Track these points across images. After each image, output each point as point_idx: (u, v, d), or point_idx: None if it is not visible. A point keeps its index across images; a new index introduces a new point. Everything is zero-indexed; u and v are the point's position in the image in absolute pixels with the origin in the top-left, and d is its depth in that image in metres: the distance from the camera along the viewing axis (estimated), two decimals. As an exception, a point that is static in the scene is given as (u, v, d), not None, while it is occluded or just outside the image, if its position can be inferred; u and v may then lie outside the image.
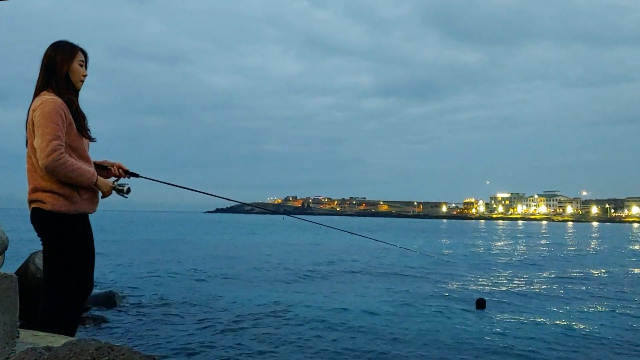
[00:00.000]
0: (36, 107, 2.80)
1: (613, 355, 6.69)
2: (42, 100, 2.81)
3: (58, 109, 2.79)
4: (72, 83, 2.97)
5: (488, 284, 13.47)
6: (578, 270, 17.81)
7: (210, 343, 6.75)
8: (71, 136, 2.87)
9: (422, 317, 8.84)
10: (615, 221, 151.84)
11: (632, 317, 9.22)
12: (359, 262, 18.91)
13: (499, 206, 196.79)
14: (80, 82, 3.01)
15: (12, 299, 2.09)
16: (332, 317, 8.59)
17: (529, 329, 8.08)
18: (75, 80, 2.98)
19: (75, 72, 2.97)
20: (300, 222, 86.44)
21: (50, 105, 2.78)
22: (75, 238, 2.91)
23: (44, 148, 2.70)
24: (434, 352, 6.58)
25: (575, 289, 12.92)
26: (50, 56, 2.92)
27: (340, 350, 6.55)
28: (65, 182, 2.83)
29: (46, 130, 2.73)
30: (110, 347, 1.60)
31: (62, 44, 2.97)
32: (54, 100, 2.81)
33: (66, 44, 2.98)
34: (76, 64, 2.97)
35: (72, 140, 2.87)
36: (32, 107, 2.84)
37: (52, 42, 3.00)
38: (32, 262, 6.79)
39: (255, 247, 28.01)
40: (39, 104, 2.80)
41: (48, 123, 2.74)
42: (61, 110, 2.81)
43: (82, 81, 3.02)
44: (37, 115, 2.77)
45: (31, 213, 2.89)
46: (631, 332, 8.00)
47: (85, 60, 3.04)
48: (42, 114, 2.76)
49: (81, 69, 3.00)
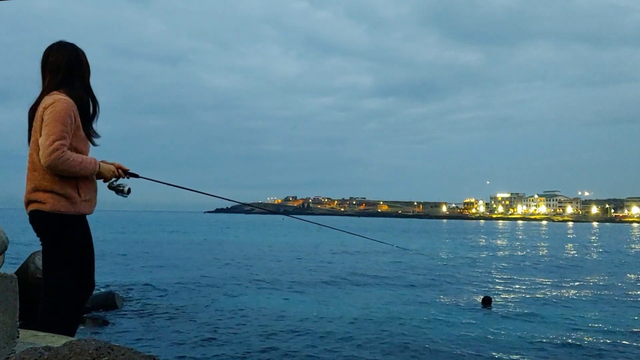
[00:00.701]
0: (47, 106, 2.79)
1: (618, 354, 6.68)
2: (55, 99, 2.81)
3: (69, 110, 2.81)
4: (89, 86, 3.04)
5: (492, 283, 13.49)
6: (579, 269, 17.82)
7: (210, 343, 6.75)
8: (77, 139, 2.88)
9: (430, 314, 8.89)
10: (615, 221, 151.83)
11: (635, 317, 9.22)
12: (360, 264, 18.91)
13: (499, 206, 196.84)
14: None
15: (12, 299, 2.09)
16: (341, 315, 8.59)
17: (535, 325, 8.14)
18: (88, 83, 3.05)
19: (89, 74, 3.05)
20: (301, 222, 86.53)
21: (62, 106, 2.79)
22: (74, 239, 2.92)
23: (47, 147, 2.71)
24: (444, 349, 6.61)
25: (578, 287, 12.94)
26: (72, 57, 2.94)
27: (352, 346, 6.55)
28: (68, 181, 2.83)
29: (53, 129, 2.73)
30: (110, 347, 1.59)
31: (72, 46, 2.99)
32: (66, 101, 2.82)
33: (75, 46, 3.01)
34: (88, 65, 3.06)
35: (77, 143, 2.88)
36: (42, 105, 2.82)
37: (53, 41, 2.98)
38: (32, 262, 6.78)
39: (253, 246, 28.01)
40: (50, 102, 2.80)
41: (57, 123, 2.75)
42: (71, 112, 2.83)
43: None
44: (47, 113, 2.77)
45: (30, 214, 2.88)
46: (636, 332, 8.00)
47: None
48: (52, 112, 2.76)
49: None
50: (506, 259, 22.19)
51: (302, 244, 30.54)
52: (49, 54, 2.94)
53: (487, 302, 10.01)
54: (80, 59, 2.98)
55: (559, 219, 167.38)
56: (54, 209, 2.82)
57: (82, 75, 2.98)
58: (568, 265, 19.79)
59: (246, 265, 17.41)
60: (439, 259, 21.40)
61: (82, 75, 2.99)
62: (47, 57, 2.94)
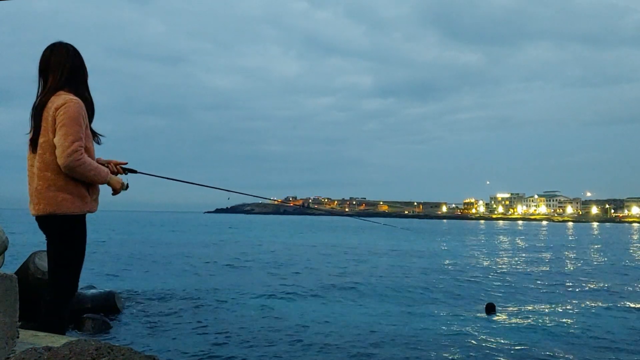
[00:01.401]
0: (59, 106, 2.81)
1: (629, 356, 6.67)
2: (66, 100, 2.84)
3: (81, 111, 2.87)
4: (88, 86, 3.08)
5: (495, 288, 13.38)
6: (582, 271, 17.82)
7: (211, 343, 6.75)
8: (86, 138, 2.93)
9: (432, 321, 8.76)
10: (615, 221, 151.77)
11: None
12: (358, 266, 18.91)
13: (499, 206, 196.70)
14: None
15: (12, 300, 2.09)
16: (338, 319, 8.59)
17: (540, 333, 8.03)
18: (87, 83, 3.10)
19: (87, 75, 3.10)
20: (302, 222, 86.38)
21: (75, 107, 2.83)
22: (85, 238, 2.99)
23: (67, 147, 2.75)
24: (447, 357, 6.56)
25: (583, 291, 12.92)
26: (75, 58, 2.99)
27: (350, 355, 6.54)
28: (80, 181, 2.87)
29: (70, 130, 2.78)
30: (110, 347, 1.60)
31: (72, 47, 3.03)
32: (78, 102, 2.87)
33: (74, 47, 3.05)
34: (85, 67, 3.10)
35: (87, 142, 2.93)
36: (53, 106, 2.83)
37: (53, 42, 3.01)
38: (32, 263, 6.78)
39: (253, 246, 28.02)
40: (62, 103, 2.82)
41: (73, 124, 2.79)
42: (83, 113, 2.89)
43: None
44: (60, 114, 2.80)
45: (44, 216, 2.89)
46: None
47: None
48: (66, 113, 2.79)
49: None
50: (508, 261, 22.19)
51: (300, 244, 30.53)
52: (51, 54, 2.95)
53: (491, 309, 9.77)
54: (81, 59, 3.04)
55: (559, 219, 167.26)
56: (69, 209, 2.86)
57: (84, 75, 3.04)
58: (571, 266, 19.79)
59: (246, 266, 17.41)
60: (440, 262, 21.39)
61: (84, 74, 3.04)
62: (49, 57, 2.95)
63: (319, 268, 17.00)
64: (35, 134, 2.90)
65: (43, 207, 2.85)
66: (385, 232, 46.93)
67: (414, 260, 20.37)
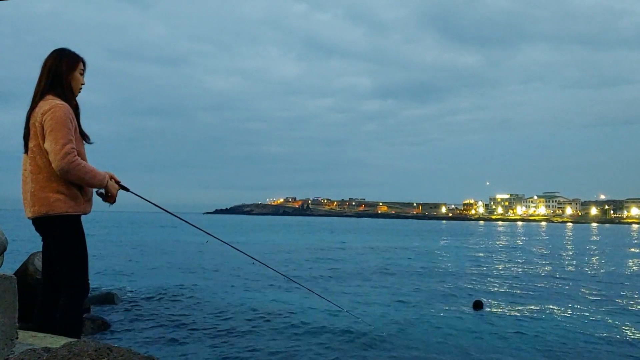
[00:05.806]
0: (46, 111, 2.85)
1: (613, 356, 6.68)
2: (52, 105, 2.88)
3: (69, 114, 2.90)
4: (73, 90, 3.09)
5: (484, 285, 13.45)
6: (576, 271, 17.82)
7: (211, 344, 6.75)
8: (76, 140, 2.95)
9: (420, 318, 8.81)
10: (615, 222, 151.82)
11: (629, 317, 9.22)
12: (345, 263, 18.91)
13: (499, 207, 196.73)
14: (79, 89, 3.14)
15: (11, 300, 2.09)
16: (328, 319, 8.58)
17: (527, 329, 8.07)
18: (75, 88, 3.10)
19: (76, 80, 3.09)
20: (301, 222, 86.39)
21: (62, 111, 2.87)
22: (83, 237, 3.02)
23: (59, 151, 2.78)
24: (434, 354, 6.57)
25: (573, 289, 12.91)
26: (55, 63, 3.02)
27: (336, 354, 6.55)
28: (74, 183, 2.90)
29: (59, 134, 2.81)
30: (110, 348, 1.60)
31: (66, 52, 3.07)
32: (64, 106, 2.91)
33: (70, 53, 3.08)
34: (77, 72, 3.10)
35: (76, 144, 2.94)
36: (40, 111, 2.88)
37: (54, 46, 3.08)
38: (31, 263, 6.77)
39: (253, 246, 27.99)
40: (48, 108, 2.86)
41: (61, 127, 2.82)
42: (71, 116, 2.92)
43: (80, 89, 3.15)
44: (48, 118, 2.83)
45: (40, 218, 2.92)
46: (629, 332, 8.00)
47: (84, 68, 3.15)
48: (54, 118, 2.83)
49: (81, 78, 3.13)
50: (504, 260, 22.19)
51: (298, 244, 30.53)
52: (46, 60, 3.04)
53: (479, 306, 9.88)
54: (72, 64, 3.06)
55: (559, 220, 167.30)
56: (62, 209, 2.88)
57: (69, 80, 3.04)
58: (565, 265, 19.79)
59: (246, 266, 17.38)
60: (433, 260, 21.38)
61: (70, 80, 3.05)
62: (44, 63, 3.04)
63: (313, 262, 16.98)
64: (25, 138, 2.96)
65: (37, 209, 2.88)
66: (385, 233, 46.84)
67: (409, 257, 20.37)
